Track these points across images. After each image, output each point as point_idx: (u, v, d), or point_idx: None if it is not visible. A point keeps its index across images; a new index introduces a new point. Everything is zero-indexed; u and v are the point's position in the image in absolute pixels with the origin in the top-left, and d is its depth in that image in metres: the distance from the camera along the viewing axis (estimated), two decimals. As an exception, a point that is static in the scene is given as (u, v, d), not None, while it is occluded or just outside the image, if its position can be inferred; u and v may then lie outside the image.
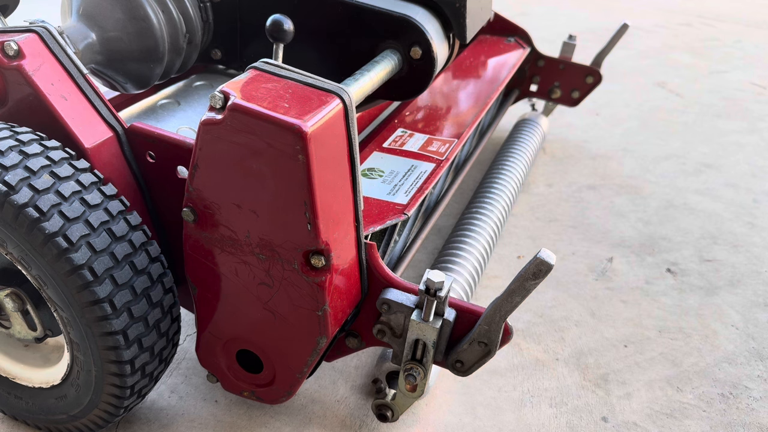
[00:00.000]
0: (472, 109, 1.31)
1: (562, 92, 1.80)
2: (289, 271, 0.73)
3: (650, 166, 1.90)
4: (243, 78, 0.72)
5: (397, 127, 1.21)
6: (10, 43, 0.74)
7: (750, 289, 1.37)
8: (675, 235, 1.56)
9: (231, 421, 0.98)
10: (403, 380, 0.86)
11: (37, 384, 0.86)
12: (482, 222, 1.27)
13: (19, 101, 0.77)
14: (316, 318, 0.76)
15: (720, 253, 1.50)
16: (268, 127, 0.65)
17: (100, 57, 0.94)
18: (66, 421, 0.87)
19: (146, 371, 0.80)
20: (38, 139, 0.74)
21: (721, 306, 1.32)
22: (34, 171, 0.70)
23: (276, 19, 0.88)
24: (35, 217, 0.67)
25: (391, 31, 1.06)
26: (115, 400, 0.80)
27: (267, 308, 0.78)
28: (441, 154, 1.12)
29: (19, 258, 0.72)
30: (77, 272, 0.69)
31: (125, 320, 0.73)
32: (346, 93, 0.72)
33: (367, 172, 1.05)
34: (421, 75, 1.09)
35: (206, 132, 0.69)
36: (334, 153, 0.71)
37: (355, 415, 1.01)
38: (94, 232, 0.71)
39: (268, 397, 0.89)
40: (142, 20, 0.95)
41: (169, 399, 1.01)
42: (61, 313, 0.74)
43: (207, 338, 0.86)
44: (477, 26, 1.24)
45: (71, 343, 0.78)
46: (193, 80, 1.18)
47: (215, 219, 0.74)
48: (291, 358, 0.82)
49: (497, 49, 1.63)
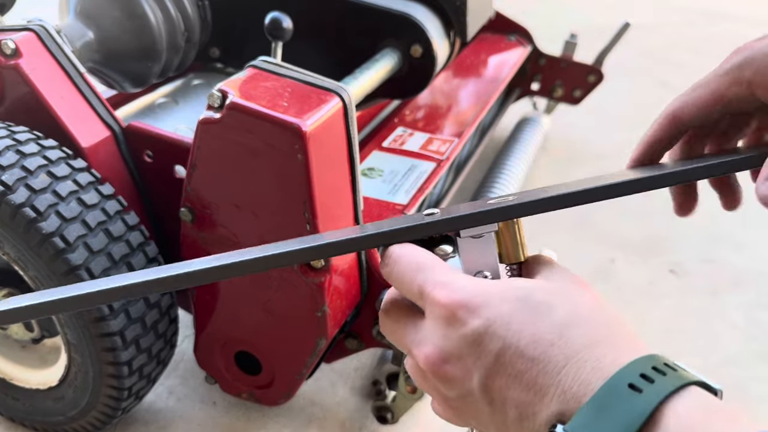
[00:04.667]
0: (473, 108, 1.31)
1: (564, 91, 1.79)
2: (288, 271, 0.73)
3: (652, 166, 1.90)
4: (241, 76, 0.71)
5: (397, 126, 1.21)
6: (7, 41, 0.73)
7: (753, 290, 1.37)
8: (678, 236, 1.55)
9: (229, 423, 0.97)
10: (403, 382, 0.86)
11: (34, 385, 0.86)
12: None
13: (16, 100, 0.77)
14: (316, 319, 0.75)
15: (723, 253, 1.49)
16: (267, 126, 0.64)
17: (97, 55, 0.93)
18: (63, 423, 0.86)
19: (144, 372, 0.79)
20: (35, 138, 0.73)
21: (724, 307, 1.31)
22: (31, 170, 0.69)
23: (275, 17, 0.87)
24: (32, 217, 0.67)
25: (391, 30, 1.05)
26: (112, 402, 0.79)
27: (265, 309, 0.78)
28: (441, 154, 1.11)
29: (15, 258, 0.72)
30: (74, 273, 0.68)
31: (122, 321, 0.72)
32: (345, 92, 0.71)
33: (366, 171, 1.04)
34: (421, 74, 1.08)
35: (204, 131, 0.68)
36: (334, 152, 0.70)
37: (355, 417, 1.00)
38: (92, 232, 0.70)
39: (266, 398, 0.89)
40: (140, 18, 0.94)
41: (167, 400, 1.00)
42: (58, 314, 0.74)
43: (205, 339, 0.86)
44: (478, 24, 1.23)
45: (68, 345, 0.77)
46: (191, 79, 1.17)
47: (213, 219, 0.73)
48: (290, 360, 0.82)
49: (498, 47, 1.63)
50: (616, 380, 0.28)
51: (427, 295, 0.34)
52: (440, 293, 0.33)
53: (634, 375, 0.28)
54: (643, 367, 0.28)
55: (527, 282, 0.34)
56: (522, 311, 0.31)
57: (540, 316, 0.31)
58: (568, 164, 1.85)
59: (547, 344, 0.30)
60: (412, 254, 0.36)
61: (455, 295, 0.33)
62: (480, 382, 0.32)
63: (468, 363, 0.32)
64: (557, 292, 0.33)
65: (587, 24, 2.63)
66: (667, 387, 0.27)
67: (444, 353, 0.33)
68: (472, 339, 0.32)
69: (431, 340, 0.34)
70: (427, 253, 0.37)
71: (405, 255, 0.37)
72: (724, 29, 3.37)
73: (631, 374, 0.28)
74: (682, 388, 0.28)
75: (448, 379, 0.33)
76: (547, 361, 0.30)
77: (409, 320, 0.37)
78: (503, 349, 0.31)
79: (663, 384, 0.27)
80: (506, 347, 0.31)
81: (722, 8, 3.69)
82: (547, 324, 0.31)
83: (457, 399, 0.34)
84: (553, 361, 0.30)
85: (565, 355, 0.30)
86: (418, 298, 0.35)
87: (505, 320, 0.31)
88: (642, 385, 0.27)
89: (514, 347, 0.31)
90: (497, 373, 0.31)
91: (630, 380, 0.27)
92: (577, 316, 0.31)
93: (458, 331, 0.32)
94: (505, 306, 0.32)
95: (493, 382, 0.31)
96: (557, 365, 0.29)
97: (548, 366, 0.30)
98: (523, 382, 0.30)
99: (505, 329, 0.31)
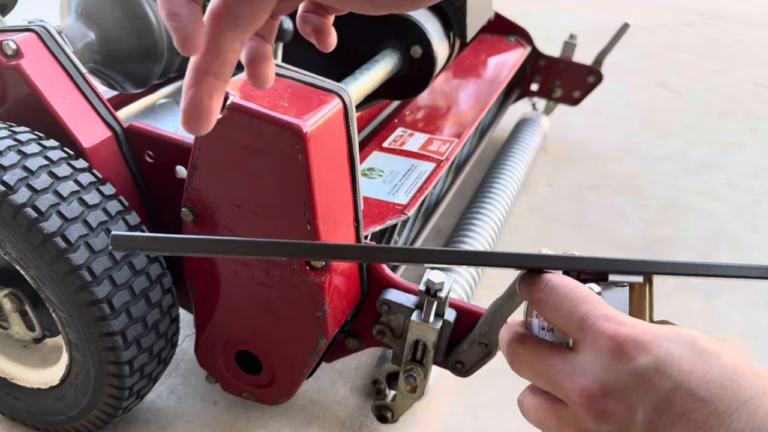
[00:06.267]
0: (472, 109, 1.31)
1: (563, 91, 1.79)
2: (289, 271, 0.73)
3: (651, 166, 1.90)
4: (242, 77, 0.71)
5: (397, 126, 1.21)
6: (8, 42, 0.74)
7: (752, 291, 1.37)
8: (676, 236, 1.56)
9: (230, 422, 0.97)
10: (403, 381, 0.86)
11: (36, 385, 0.86)
12: (483, 222, 1.26)
13: (18, 101, 0.77)
14: (316, 319, 0.76)
15: (721, 253, 1.50)
16: (267, 127, 0.65)
17: (98, 56, 0.94)
18: (64, 422, 0.86)
19: (145, 372, 0.79)
20: (36, 138, 0.73)
21: (723, 307, 1.32)
22: (32, 171, 0.69)
23: (275, 18, 0.87)
24: (34, 217, 0.67)
25: (390, 31, 1.05)
26: (113, 401, 0.80)
27: (266, 309, 0.78)
28: (441, 154, 1.11)
29: (17, 258, 0.72)
30: (76, 272, 0.68)
31: (124, 321, 0.72)
32: (345, 92, 0.71)
33: (367, 171, 1.04)
34: (421, 74, 1.08)
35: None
36: (334, 152, 0.70)
37: (355, 416, 1.00)
38: (93, 232, 0.70)
39: (267, 398, 0.89)
40: (141, 19, 0.94)
41: (168, 400, 1.01)
42: (59, 314, 0.74)
43: (206, 339, 0.86)
44: (478, 25, 1.23)
45: (70, 344, 0.77)
46: (192, 80, 1.17)
47: (214, 219, 0.73)
48: (290, 359, 0.82)
49: (498, 48, 1.63)
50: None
51: (591, 326, 0.34)
52: (608, 326, 0.33)
53: None
54: None
55: (690, 329, 0.35)
56: (692, 354, 0.32)
57: (709, 360, 0.32)
58: (567, 164, 1.86)
59: (719, 387, 0.30)
60: (572, 285, 0.36)
61: (623, 329, 0.33)
62: (645, 418, 0.32)
63: (633, 399, 0.32)
64: (720, 343, 0.33)
65: (586, 25, 2.64)
66: None
67: (606, 386, 0.33)
68: (641, 374, 0.32)
69: (591, 373, 0.33)
70: (586, 287, 0.36)
71: (565, 285, 0.36)
72: (723, 29, 3.37)
73: None
74: None
75: (606, 414, 0.33)
76: (718, 403, 0.30)
77: (554, 351, 0.36)
78: (674, 387, 0.31)
79: None
80: (677, 386, 0.31)
81: (722, 8, 3.69)
82: (717, 369, 0.31)
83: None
84: (725, 403, 0.30)
85: (737, 400, 0.30)
86: (576, 329, 0.35)
87: (675, 360, 0.32)
88: None
89: (685, 386, 0.31)
90: (665, 411, 0.31)
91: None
92: (745, 366, 0.32)
93: (626, 366, 0.32)
94: (674, 347, 0.32)
95: (659, 419, 0.31)
96: (729, 408, 0.30)
97: (719, 408, 0.30)
98: (692, 422, 0.30)
99: (677, 368, 0.31)
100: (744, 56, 3.01)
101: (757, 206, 1.71)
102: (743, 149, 2.04)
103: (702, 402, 0.30)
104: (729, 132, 2.17)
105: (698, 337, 0.33)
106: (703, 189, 1.79)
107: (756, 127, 2.22)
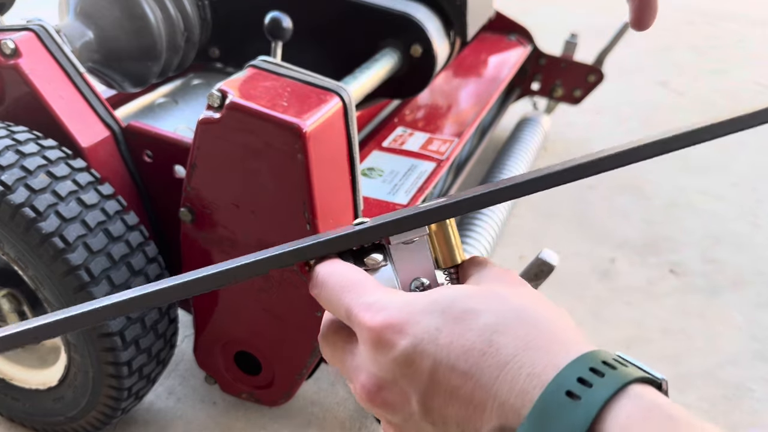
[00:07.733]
0: (473, 108, 1.30)
1: (564, 91, 1.79)
2: (288, 271, 0.73)
3: (652, 166, 1.89)
4: (241, 76, 0.71)
5: (397, 126, 1.21)
6: (6, 41, 0.73)
7: (753, 290, 1.36)
8: (678, 236, 1.55)
9: (229, 424, 0.97)
10: (403, 382, 0.86)
11: (34, 385, 0.86)
12: (483, 222, 1.26)
13: (16, 100, 0.77)
14: (316, 319, 0.75)
15: (723, 253, 1.49)
16: (267, 126, 0.64)
17: (97, 55, 0.93)
18: (63, 423, 0.86)
19: (143, 373, 0.79)
20: (35, 138, 0.73)
21: (725, 307, 1.31)
22: (30, 170, 0.69)
23: (275, 17, 0.87)
24: (32, 217, 0.67)
25: (390, 29, 1.05)
26: (112, 402, 0.79)
27: (265, 310, 0.77)
28: (442, 154, 1.11)
29: (15, 258, 0.71)
30: (74, 273, 0.68)
31: (122, 321, 0.72)
32: (345, 91, 0.71)
33: (366, 171, 1.04)
34: (421, 73, 1.08)
35: (204, 131, 0.68)
36: (334, 152, 0.70)
37: (355, 417, 1.00)
38: (91, 233, 0.70)
39: (266, 398, 0.89)
40: (140, 18, 0.94)
41: (167, 401, 1.00)
42: (57, 314, 0.74)
43: (205, 340, 0.86)
44: (478, 24, 1.23)
45: (68, 345, 0.77)
46: (191, 79, 1.17)
47: (213, 219, 0.73)
48: (290, 360, 0.82)
49: (498, 47, 1.63)
50: (553, 388, 0.25)
51: (354, 319, 0.32)
52: (365, 316, 0.31)
53: (571, 380, 0.25)
54: (581, 369, 0.26)
55: (452, 289, 0.31)
56: (448, 323, 0.29)
57: (467, 324, 0.29)
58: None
59: (478, 354, 0.28)
60: (339, 273, 0.34)
61: (379, 316, 0.30)
62: (419, 403, 0.30)
63: (403, 386, 0.30)
64: (483, 295, 0.30)
65: (587, 24, 2.63)
66: (606, 391, 0.25)
67: (379, 380, 0.31)
68: (403, 360, 0.29)
69: (365, 368, 0.31)
70: (353, 270, 0.34)
71: (332, 275, 0.34)
72: (724, 29, 3.36)
73: (568, 379, 0.26)
74: (623, 389, 0.25)
75: (388, 406, 0.31)
76: (481, 373, 0.27)
77: (347, 345, 0.34)
78: (435, 366, 0.29)
79: (601, 388, 0.25)
80: (437, 364, 0.29)
81: (722, 8, 3.68)
82: (475, 332, 0.28)
83: (402, 423, 0.32)
84: (487, 372, 0.27)
85: (498, 364, 0.27)
86: (348, 322, 0.33)
87: (432, 335, 0.29)
88: (580, 392, 0.25)
89: (445, 362, 0.28)
90: (434, 393, 0.29)
91: (567, 387, 0.25)
92: (506, 319, 0.29)
93: (387, 355, 0.30)
94: (430, 319, 0.29)
95: (431, 402, 0.29)
96: (491, 376, 0.27)
97: (482, 378, 0.27)
98: (460, 398, 0.28)
99: (434, 345, 0.29)
100: (745, 56, 3.00)
101: (759, 206, 1.71)
102: (745, 148, 2.04)
103: (465, 375, 0.28)
104: (730, 131, 2.16)
105: (458, 297, 0.30)
106: (704, 188, 1.78)
107: (757, 127, 2.21)
